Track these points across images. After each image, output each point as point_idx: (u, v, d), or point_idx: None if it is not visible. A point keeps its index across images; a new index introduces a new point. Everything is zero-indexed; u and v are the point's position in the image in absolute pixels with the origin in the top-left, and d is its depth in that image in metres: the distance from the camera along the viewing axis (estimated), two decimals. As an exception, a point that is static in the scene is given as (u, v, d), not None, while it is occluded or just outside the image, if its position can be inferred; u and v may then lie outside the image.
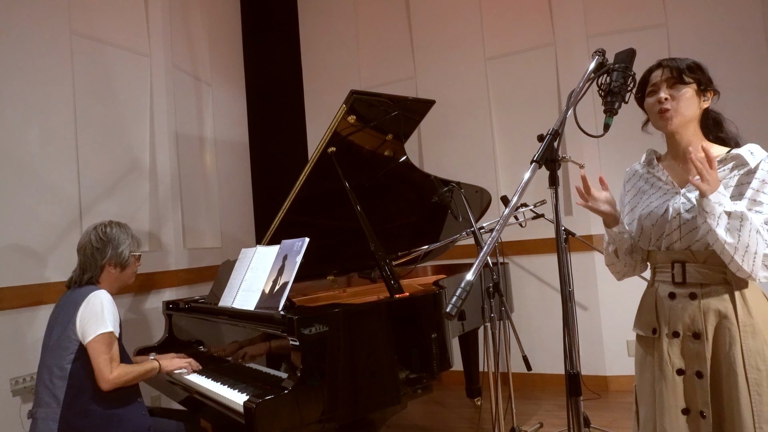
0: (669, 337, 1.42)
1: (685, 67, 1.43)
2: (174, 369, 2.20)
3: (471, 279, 1.03)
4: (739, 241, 1.26)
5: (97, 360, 1.90)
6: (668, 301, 1.43)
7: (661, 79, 1.44)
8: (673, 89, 1.43)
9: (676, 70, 1.43)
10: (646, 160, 1.59)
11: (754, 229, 1.26)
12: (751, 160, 1.35)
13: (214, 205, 4.00)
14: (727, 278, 1.36)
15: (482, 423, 3.16)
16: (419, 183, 2.85)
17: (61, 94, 2.78)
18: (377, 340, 1.91)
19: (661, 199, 1.47)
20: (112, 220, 2.18)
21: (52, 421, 1.88)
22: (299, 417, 1.67)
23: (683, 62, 1.45)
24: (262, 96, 4.55)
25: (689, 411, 1.37)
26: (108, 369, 1.90)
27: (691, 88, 1.42)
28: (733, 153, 1.40)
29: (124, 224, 2.20)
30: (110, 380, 1.90)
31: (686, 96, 1.42)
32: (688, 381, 1.38)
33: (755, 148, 1.39)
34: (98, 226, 2.14)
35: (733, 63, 3.40)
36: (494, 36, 4.09)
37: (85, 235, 2.13)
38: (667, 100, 1.42)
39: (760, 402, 1.29)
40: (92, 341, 1.91)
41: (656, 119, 1.47)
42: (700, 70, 1.45)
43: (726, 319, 1.34)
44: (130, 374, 1.97)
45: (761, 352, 1.31)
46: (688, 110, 1.42)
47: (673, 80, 1.43)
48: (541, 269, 3.88)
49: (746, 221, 1.25)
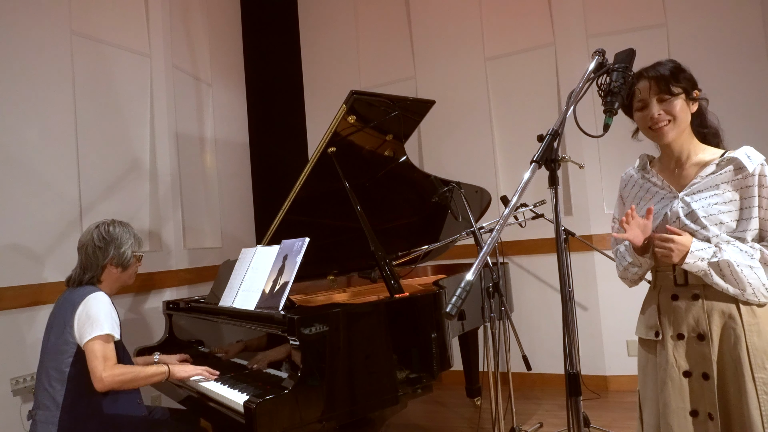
0: (674, 340, 1.42)
1: (670, 75, 1.41)
2: (187, 377, 2.03)
3: (471, 279, 1.03)
4: (739, 285, 1.32)
5: (92, 361, 1.85)
6: (671, 302, 1.43)
7: (650, 93, 1.43)
8: (664, 103, 1.42)
9: (663, 82, 1.41)
10: (640, 165, 1.59)
11: (745, 267, 1.31)
12: (748, 164, 1.36)
13: (214, 205, 4.00)
14: None
15: (482, 423, 3.16)
16: (419, 183, 2.85)
17: (61, 94, 2.78)
18: (377, 340, 1.91)
19: (659, 204, 1.47)
20: (114, 219, 2.14)
21: (51, 424, 1.86)
22: (299, 417, 1.67)
23: (665, 69, 1.43)
24: (262, 96, 4.55)
25: (697, 413, 1.37)
26: (101, 368, 1.83)
27: (680, 98, 1.42)
28: (728, 156, 1.40)
29: (127, 223, 2.16)
30: (103, 380, 1.83)
31: (678, 107, 1.42)
32: (694, 383, 1.38)
33: (751, 150, 1.39)
34: (100, 224, 2.10)
35: (733, 63, 3.40)
36: (494, 36, 4.09)
37: (87, 234, 2.08)
38: (660, 116, 1.42)
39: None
40: (88, 343, 1.87)
41: (650, 133, 1.47)
42: (683, 72, 1.44)
43: (730, 319, 1.35)
44: (126, 375, 1.89)
45: (766, 350, 1.32)
46: (682, 122, 1.43)
47: (661, 93, 1.42)
48: (541, 269, 3.88)
49: (733, 266, 1.31)
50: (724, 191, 1.37)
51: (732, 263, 1.30)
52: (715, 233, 1.36)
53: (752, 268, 1.31)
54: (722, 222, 1.36)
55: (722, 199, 1.37)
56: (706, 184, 1.40)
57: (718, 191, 1.38)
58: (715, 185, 1.39)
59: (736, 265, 1.30)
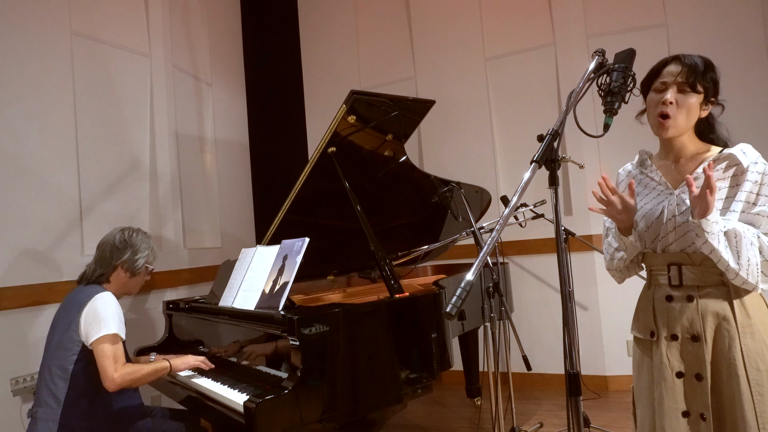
0: (668, 340, 1.42)
1: (702, 70, 1.40)
2: (188, 366, 2.13)
3: (471, 279, 1.03)
4: (740, 257, 1.28)
5: (102, 361, 1.90)
6: (666, 303, 1.43)
7: (675, 79, 1.41)
8: (681, 94, 1.41)
9: (693, 73, 1.39)
10: (638, 160, 1.59)
11: (748, 242, 1.29)
12: (744, 160, 1.36)
13: (214, 205, 4.00)
14: (724, 280, 1.36)
15: (482, 423, 3.16)
16: (419, 183, 2.85)
17: (61, 94, 2.78)
18: (377, 340, 1.91)
19: (655, 201, 1.47)
20: (140, 228, 2.22)
21: (52, 421, 1.88)
22: (299, 417, 1.67)
23: (700, 61, 1.41)
24: (262, 96, 4.55)
25: (689, 414, 1.37)
26: (112, 369, 1.88)
27: (698, 97, 1.41)
28: (726, 152, 1.40)
29: (149, 235, 2.23)
30: (115, 380, 1.88)
31: (690, 103, 1.40)
32: (687, 383, 1.38)
33: (747, 147, 1.40)
34: (126, 229, 2.18)
35: (733, 63, 3.40)
36: (494, 36, 4.09)
37: (110, 234, 2.15)
38: (671, 105, 1.40)
39: (763, 402, 1.29)
40: (96, 342, 1.91)
41: (654, 120, 1.45)
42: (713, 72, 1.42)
43: (725, 320, 1.35)
44: (136, 374, 1.94)
45: (760, 352, 1.32)
46: (686, 122, 1.42)
47: (685, 85, 1.40)
48: (541, 269, 3.88)
49: (741, 236, 1.28)
50: (719, 188, 1.37)
51: (740, 233, 1.28)
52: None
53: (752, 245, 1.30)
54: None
55: (718, 195, 1.37)
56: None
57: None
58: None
59: (743, 236, 1.28)
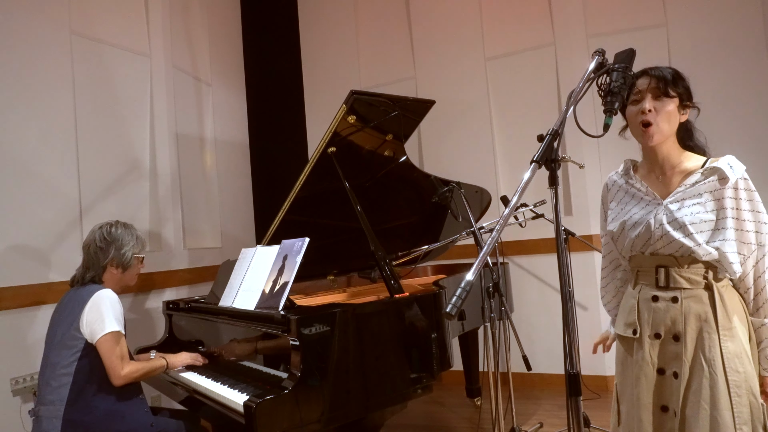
0: (651, 339, 1.46)
1: (671, 79, 1.44)
2: (183, 363, 2.23)
3: (471, 279, 1.03)
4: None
5: (109, 358, 1.93)
6: (651, 303, 1.46)
7: (647, 88, 1.45)
8: (657, 101, 1.44)
9: (662, 81, 1.43)
10: (623, 169, 1.61)
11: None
12: (730, 174, 1.38)
13: (214, 205, 4.00)
14: (709, 283, 1.40)
15: (482, 423, 3.16)
16: (419, 183, 2.85)
17: (61, 94, 2.78)
18: (377, 340, 1.91)
19: (643, 211, 1.49)
20: (118, 221, 2.19)
21: (56, 418, 1.89)
22: (299, 417, 1.67)
23: (668, 72, 1.45)
24: (262, 96, 4.55)
25: (667, 408, 1.43)
26: (120, 365, 1.95)
27: (674, 102, 1.44)
28: (712, 166, 1.42)
29: (130, 225, 2.21)
30: (122, 376, 1.95)
31: (668, 110, 1.43)
32: (666, 381, 1.44)
33: (733, 161, 1.41)
34: (104, 225, 2.15)
35: (733, 63, 3.40)
36: (494, 36, 4.09)
37: (91, 234, 2.14)
38: (650, 112, 1.43)
39: (740, 404, 1.33)
40: (102, 340, 1.93)
41: (637, 132, 1.48)
42: (682, 80, 1.46)
43: (706, 323, 1.39)
44: (140, 370, 2.03)
45: (739, 355, 1.36)
46: (668, 126, 1.45)
47: (658, 92, 1.43)
48: (541, 269, 3.88)
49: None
50: (706, 200, 1.40)
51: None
52: (698, 242, 1.38)
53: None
54: (704, 231, 1.39)
55: (704, 208, 1.39)
56: (690, 193, 1.42)
57: (701, 200, 1.40)
58: (698, 194, 1.41)
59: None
